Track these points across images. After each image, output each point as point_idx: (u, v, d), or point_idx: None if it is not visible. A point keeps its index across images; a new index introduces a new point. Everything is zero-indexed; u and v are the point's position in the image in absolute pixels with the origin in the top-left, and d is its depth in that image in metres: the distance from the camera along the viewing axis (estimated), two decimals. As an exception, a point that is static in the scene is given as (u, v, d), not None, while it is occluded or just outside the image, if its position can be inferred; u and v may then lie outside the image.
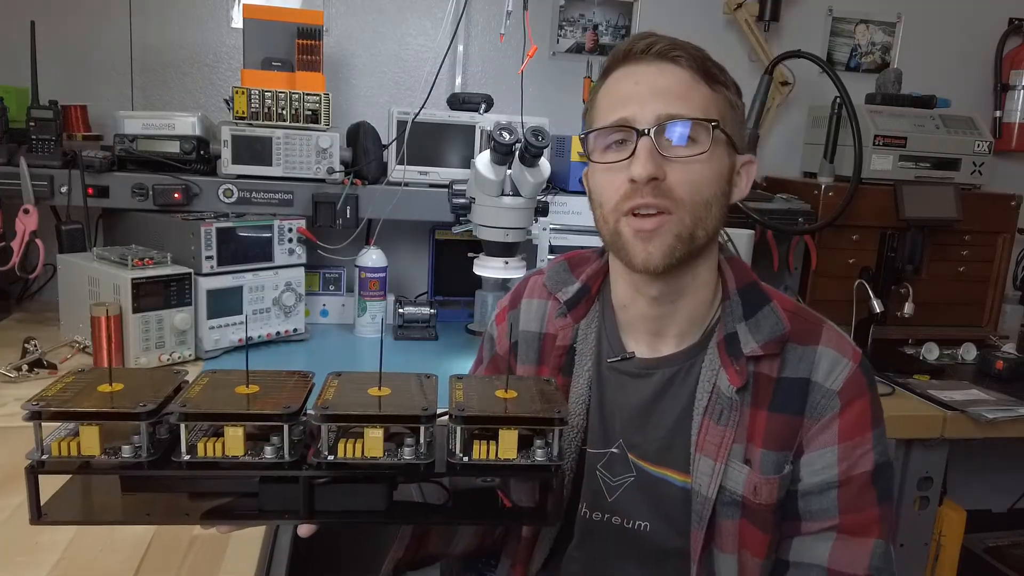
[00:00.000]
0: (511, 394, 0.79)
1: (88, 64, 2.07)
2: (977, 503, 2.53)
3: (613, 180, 0.88)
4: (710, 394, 0.92)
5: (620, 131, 0.87)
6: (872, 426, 0.91)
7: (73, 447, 0.73)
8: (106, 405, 0.72)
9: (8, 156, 1.74)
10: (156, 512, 0.79)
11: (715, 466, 0.91)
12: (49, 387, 0.76)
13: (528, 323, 1.06)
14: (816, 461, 0.90)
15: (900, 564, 1.12)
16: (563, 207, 1.92)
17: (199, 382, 0.80)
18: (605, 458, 0.99)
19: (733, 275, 0.96)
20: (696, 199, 0.86)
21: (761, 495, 0.90)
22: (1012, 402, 1.73)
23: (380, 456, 0.74)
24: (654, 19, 2.33)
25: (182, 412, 0.72)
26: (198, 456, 0.74)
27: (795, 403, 0.91)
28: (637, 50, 0.88)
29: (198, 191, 1.81)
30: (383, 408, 0.75)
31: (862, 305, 2.00)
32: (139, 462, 0.73)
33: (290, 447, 0.75)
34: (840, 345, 0.93)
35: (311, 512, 0.77)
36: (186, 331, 1.65)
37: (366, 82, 2.22)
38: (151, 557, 0.96)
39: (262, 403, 0.75)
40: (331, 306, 2.08)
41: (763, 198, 2.10)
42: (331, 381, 0.82)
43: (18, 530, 0.98)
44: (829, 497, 0.90)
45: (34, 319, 1.89)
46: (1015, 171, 2.61)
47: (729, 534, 0.92)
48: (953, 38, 2.53)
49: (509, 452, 0.75)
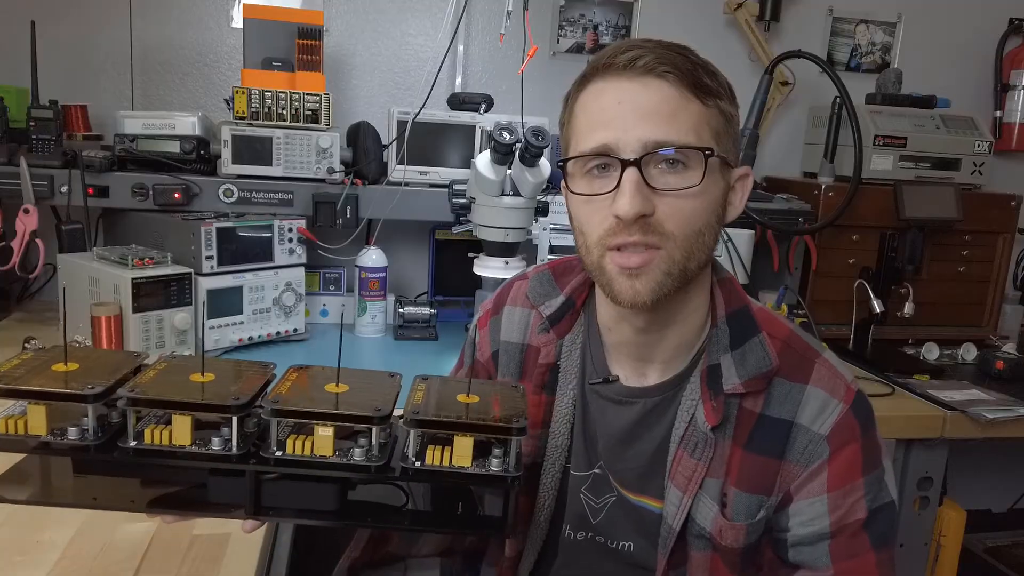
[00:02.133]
0: (472, 398, 0.77)
1: (88, 64, 2.07)
2: (977, 503, 2.53)
3: (596, 212, 0.80)
4: (687, 425, 0.87)
5: (601, 158, 0.79)
6: (864, 472, 0.84)
7: (21, 426, 0.71)
8: (57, 385, 0.71)
9: (8, 156, 1.74)
10: (104, 497, 0.77)
11: (683, 499, 0.87)
12: (4, 363, 0.74)
13: (510, 333, 1.01)
14: (806, 511, 0.84)
15: (900, 564, 1.12)
16: (563, 207, 1.88)
17: (156, 367, 0.78)
18: (588, 480, 0.96)
19: (723, 300, 0.90)
20: (687, 232, 0.79)
21: (727, 538, 0.86)
22: (1012, 402, 1.73)
23: (330, 455, 0.72)
24: (654, 19, 2.33)
25: (130, 397, 0.70)
26: (144, 443, 0.72)
27: (775, 445, 0.85)
28: (619, 64, 0.78)
29: (198, 191, 1.81)
30: (338, 406, 0.72)
31: (862, 305, 2.00)
32: (85, 445, 0.71)
33: (239, 439, 0.72)
34: (832, 384, 0.85)
35: (257, 508, 0.75)
36: (186, 331, 1.65)
37: (366, 82, 2.22)
38: (151, 557, 0.96)
39: (214, 393, 0.73)
40: (331, 306, 2.08)
41: (763, 198, 2.10)
42: (290, 374, 0.79)
43: (18, 530, 0.98)
44: (821, 548, 0.84)
45: (34, 319, 1.89)
46: (1015, 171, 2.61)
47: (700, 566, 0.89)
48: (953, 38, 2.53)
49: (464, 460, 0.73)
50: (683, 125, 0.78)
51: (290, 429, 0.74)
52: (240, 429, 0.72)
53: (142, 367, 0.78)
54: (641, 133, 0.77)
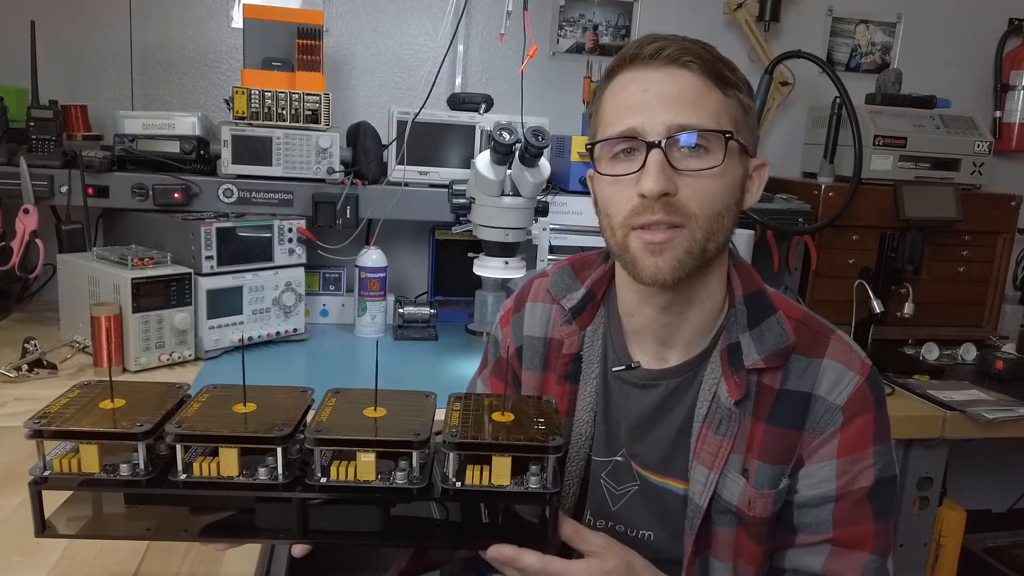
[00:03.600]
0: (508, 416, 0.79)
1: (88, 64, 2.07)
2: (977, 503, 2.53)
3: (622, 193, 0.85)
4: (710, 403, 0.91)
5: (628, 141, 0.84)
6: (874, 441, 0.88)
7: (74, 464, 0.74)
8: (106, 423, 0.73)
9: (8, 156, 1.74)
10: (156, 527, 0.80)
11: (709, 475, 0.90)
12: (53, 403, 0.77)
13: (533, 328, 1.04)
14: (815, 474, 0.89)
15: (900, 564, 1.12)
16: (563, 207, 1.92)
17: (199, 399, 0.80)
18: (609, 466, 0.99)
19: (740, 282, 0.94)
20: (709, 212, 0.83)
21: (755, 508, 0.89)
22: (1012, 402, 1.73)
23: (372, 479, 0.75)
24: (654, 19, 2.33)
25: (177, 433, 0.73)
26: (194, 476, 0.74)
27: (795, 417, 0.89)
28: (645, 54, 0.83)
29: (198, 191, 1.81)
30: (377, 432, 0.75)
31: (862, 305, 2.00)
32: (137, 480, 0.74)
33: (284, 467, 0.75)
34: (848, 358, 0.90)
35: (305, 532, 0.77)
36: (186, 331, 1.65)
37: (366, 82, 2.22)
38: (151, 557, 0.96)
39: (258, 424, 0.75)
40: (331, 306, 2.08)
41: (763, 198, 2.10)
42: (329, 399, 0.82)
43: (18, 530, 0.98)
44: (825, 511, 0.89)
45: (34, 319, 1.89)
46: (1015, 171, 2.61)
47: (725, 543, 0.92)
48: (953, 38, 2.53)
49: (502, 479, 0.75)
50: (705, 111, 0.83)
51: (332, 455, 0.77)
52: (285, 457, 0.75)
53: (185, 399, 0.81)
54: (666, 117, 0.82)
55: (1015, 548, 2.46)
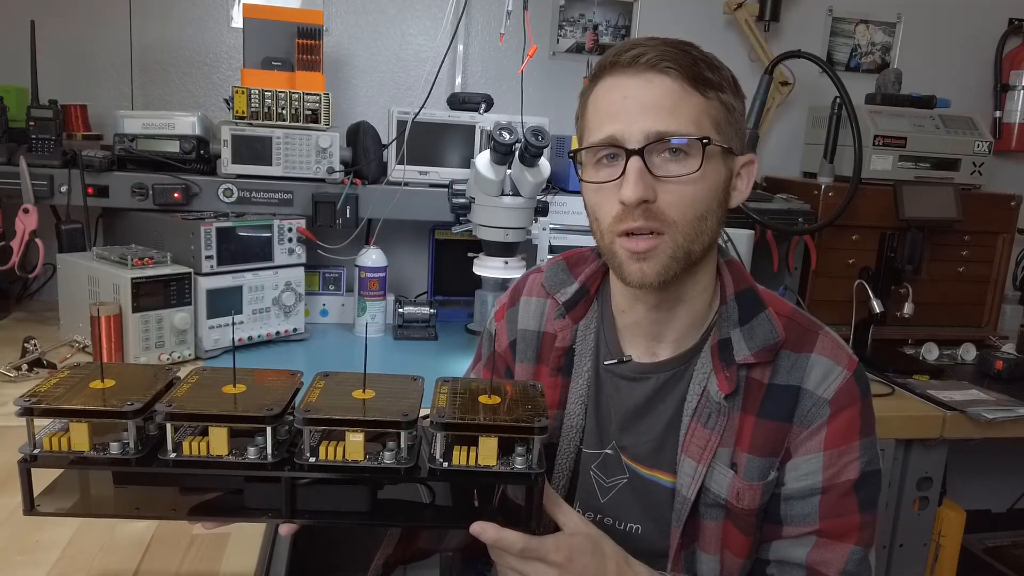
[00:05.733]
0: (494, 399, 0.80)
1: (88, 64, 2.07)
2: (977, 503, 2.53)
3: (607, 199, 0.86)
4: (699, 397, 0.92)
5: (609, 148, 0.85)
6: (860, 435, 0.90)
7: (64, 442, 0.74)
8: (96, 402, 0.73)
9: (8, 156, 1.74)
10: (146, 506, 0.80)
11: (697, 468, 0.91)
12: (44, 382, 0.77)
13: (527, 322, 1.06)
14: (802, 466, 0.90)
15: (900, 564, 1.12)
16: (563, 207, 1.92)
17: (189, 380, 0.81)
18: (599, 459, 1.00)
19: (731, 279, 0.96)
20: (690, 217, 0.85)
21: (744, 500, 0.90)
22: (1012, 402, 1.73)
23: (361, 459, 0.75)
24: (654, 19, 2.33)
25: (167, 412, 0.73)
26: (183, 455, 0.75)
27: (784, 410, 0.90)
28: (624, 61, 0.85)
29: (198, 191, 1.81)
30: (366, 412, 0.76)
31: (862, 305, 2.00)
32: (127, 459, 0.74)
33: (273, 447, 0.75)
34: (835, 353, 0.91)
35: (293, 511, 0.78)
36: (186, 331, 1.65)
37: (366, 82, 2.22)
38: (151, 556, 0.96)
39: (247, 404, 0.76)
40: (331, 306, 2.08)
41: (763, 198, 2.11)
42: (318, 382, 0.82)
43: (18, 529, 0.98)
44: (811, 503, 0.90)
45: (34, 319, 1.89)
46: (1015, 171, 2.61)
47: (712, 535, 0.93)
48: (953, 38, 2.53)
49: (489, 459, 0.76)
50: (683, 117, 0.83)
51: (321, 435, 0.77)
52: (274, 437, 0.76)
53: (174, 381, 0.81)
54: (644, 125, 0.83)
55: (1015, 548, 2.46)
